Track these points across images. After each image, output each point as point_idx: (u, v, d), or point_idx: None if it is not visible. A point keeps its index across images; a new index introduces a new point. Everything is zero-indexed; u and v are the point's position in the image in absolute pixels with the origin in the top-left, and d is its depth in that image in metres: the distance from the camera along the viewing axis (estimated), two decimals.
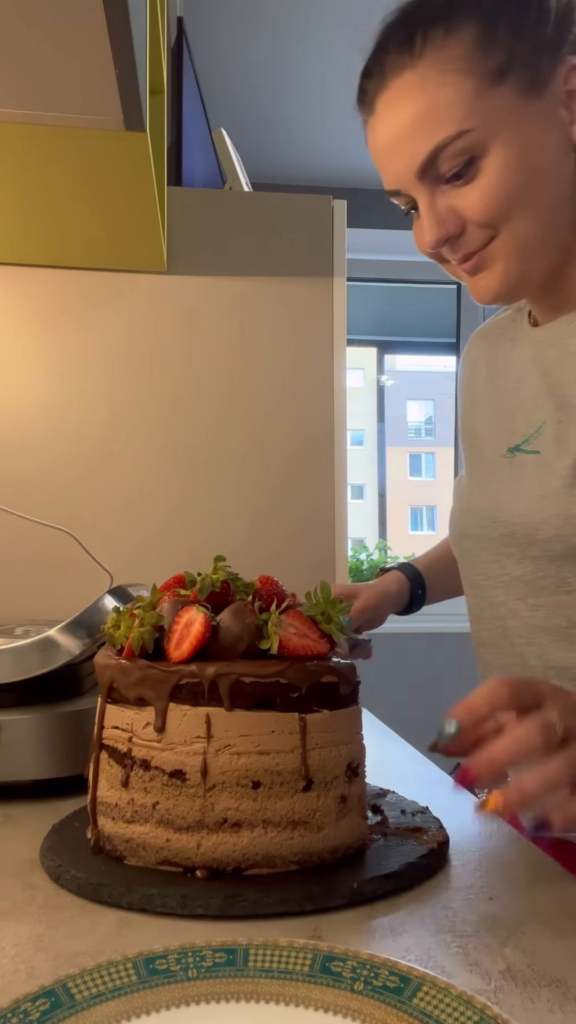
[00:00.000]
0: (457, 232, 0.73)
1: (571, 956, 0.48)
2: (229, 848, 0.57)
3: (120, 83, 0.81)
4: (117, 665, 0.62)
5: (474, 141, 0.69)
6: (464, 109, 0.68)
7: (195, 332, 1.37)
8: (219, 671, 0.58)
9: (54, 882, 0.58)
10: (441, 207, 0.72)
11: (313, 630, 0.62)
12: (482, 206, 0.70)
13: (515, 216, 0.71)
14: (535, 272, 0.75)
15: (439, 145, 0.69)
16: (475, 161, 0.70)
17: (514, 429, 0.83)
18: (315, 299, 1.41)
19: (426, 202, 0.73)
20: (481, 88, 0.68)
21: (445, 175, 0.71)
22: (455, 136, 0.69)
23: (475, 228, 0.72)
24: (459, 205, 0.71)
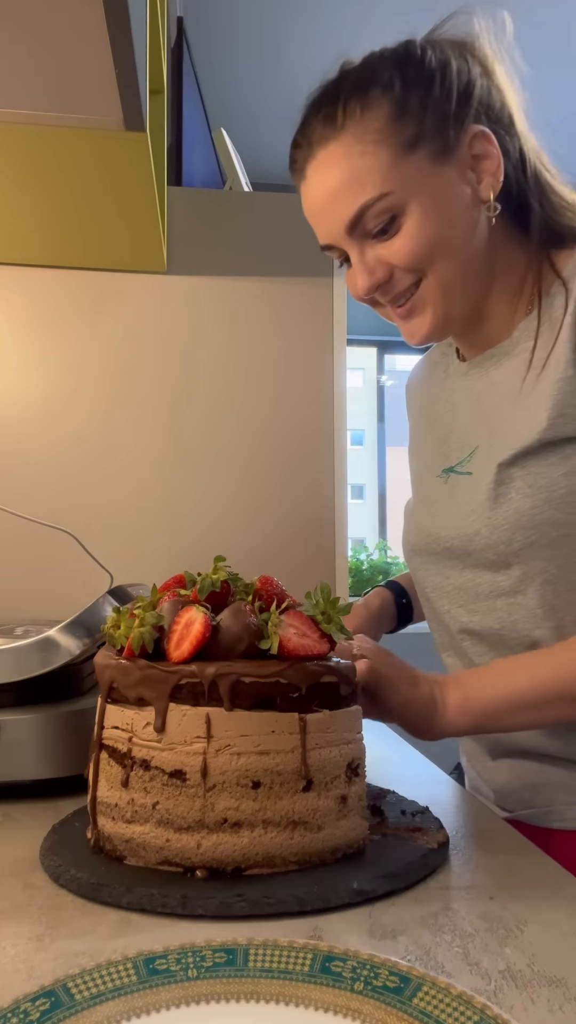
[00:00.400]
0: (386, 278, 0.81)
1: (571, 956, 0.48)
2: (229, 848, 0.57)
3: (120, 83, 0.81)
4: (117, 665, 0.62)
5: (394, 202, 0.77)
6: (383, 175, 0.77)
7: (195, 332, 1.37)
8: (219, 671, 0.58)
9: (54, 882, 0.58)
10: (370, 258, 0.81)
11: (313, 630, 0.62)
12: (406, 252, 0.79)
13: (437, 261, 0.79)
14: (459, 311, 0.83)
15: (364, 206, 0.78)
16: (396, 218, 0.78)
17: (448, 453, 0.92)
18: (315, 299, 1.41)
19: (356, 254, 0.81)
20: (397, 156, 0.77)
21: (371, 231, 0.79)
22: (377, 198, 0.77)
23: (401, 273, 0.81)
24: (385, 254, 0.80)
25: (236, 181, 1.61)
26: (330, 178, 0.79)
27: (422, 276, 0.80)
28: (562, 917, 0.53)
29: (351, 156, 0.78)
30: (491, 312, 0.86)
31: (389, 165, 0.77)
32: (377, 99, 0.77)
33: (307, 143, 0.81)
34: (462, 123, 0.79)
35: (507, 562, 0.81)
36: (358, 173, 0.77)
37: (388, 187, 0.77)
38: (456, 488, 0.87)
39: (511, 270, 0.84)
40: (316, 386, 1.40)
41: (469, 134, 0.79)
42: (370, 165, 0.77)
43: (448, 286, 0.81)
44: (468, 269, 0.81)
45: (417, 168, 0.77)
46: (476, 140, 0.79)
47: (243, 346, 1.39)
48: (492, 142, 0.80)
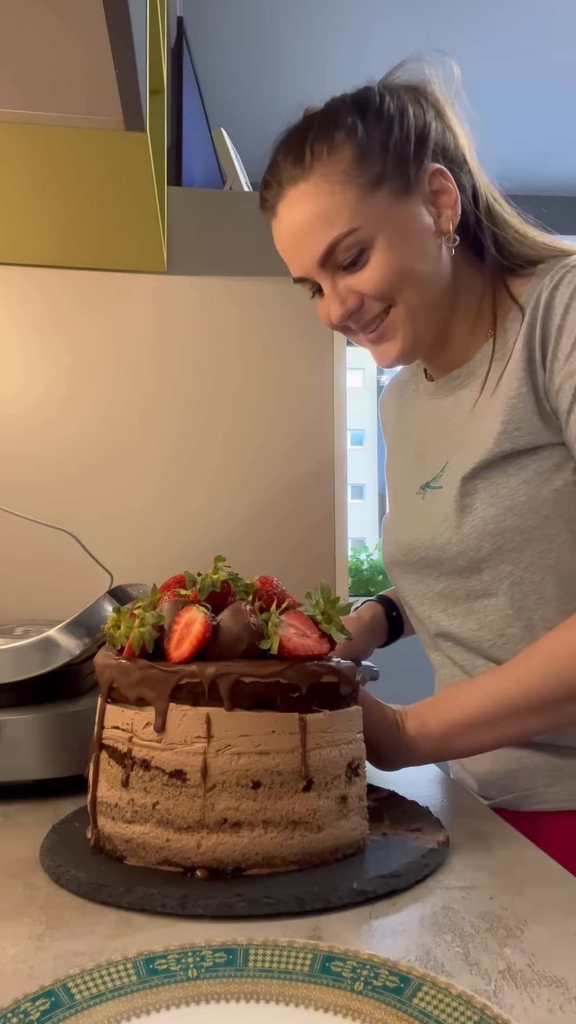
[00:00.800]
0: (356, 306, 0.86)
1: (571, 956, 0.48)
2: (229, 848, 0.57)
3: (120, 83, 0.81)
4: (117, 665, 0.62)
5: (362, 236, 0.82)
6: (351, 212, 0.82)
7: (195, 332, 1.37)
8: (219, 671, 0.58)
9: (54, 882, 0.58)
10: (341, 288, 0.86)
11: (313, 630, 0.63)
12: (375, 283, 0.84)
13: (406, 289, 0.84)
14: (426, 335, 0.89)
15: (334, 241, 0.83)
16: (365, 251, 0.83)
17: (423, 469, 0.97)
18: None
19: (328, 285, 0.86)
20: (362, 194, 0.82)
21: (342, 263, 0.84)
22: (346, 233, 0.82)
23: (371, 301, 0.86)
24: (355, 284, 0.85)
25: (236, 181, 1.61)
26: (300, 215, 0.84)
27: (391, 304, 0.85)
28: (562, 917, 0.53)
29: (320, 195, 0.82)
30: (454, 335, 0.92)
31: (356, 202, 0.82)
32: (341, 142, 0.83)
33: (277, 183, 0.86)
34: (421, 162, 0.84)
35: (478, 567, 0.86)
36: (327, 211, 0.82)
37: (356, 223, 0.82)
38: (429, 502, 0.93)
39: (471, 296, 0.90)
40: (316, 386, 1.40)
41: (428, 172, 0.85)
42: (338, 203, 0.82)
43: (415, 312, 0.86)
44: (433, 296, 0.87)
45: (382, 204, 0.83)
46: (434, 177, 0.85)
47: (243, 346, 1.39)
48: (449, 178, 0.86)
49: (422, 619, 0.96)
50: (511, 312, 0.88)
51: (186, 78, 1.58)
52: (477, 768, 0.92)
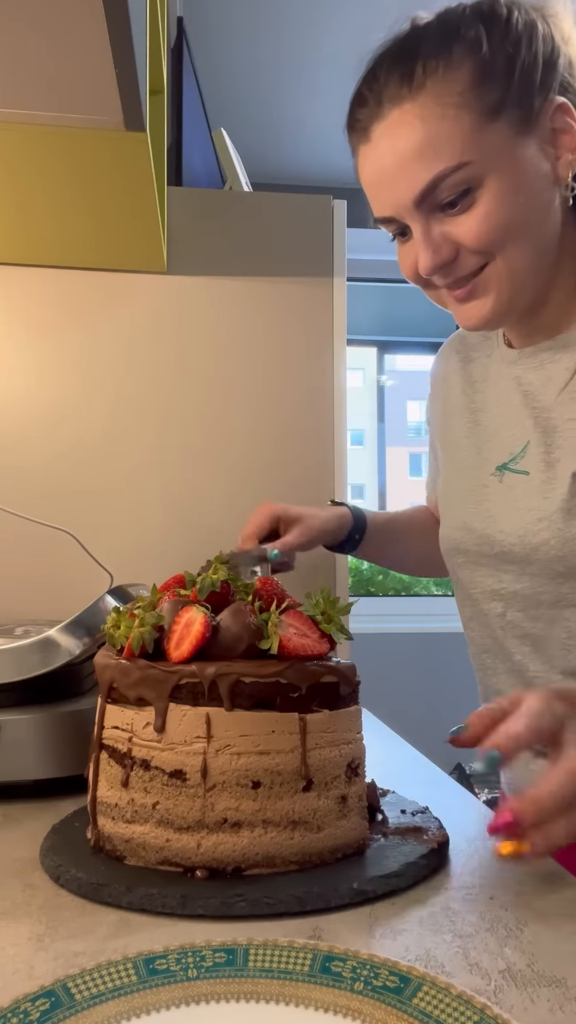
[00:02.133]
0: (451, 258, 0.75)
1: (571, 956, 0.48)
2: (229, 848, 0.57)
3: (120, 83, 0.81)
4: (117, 665, 0.62)
5: (472, 173, 0.72)
6: (464, 142, 0.71)
7: (195, 332, 1.37)
8: (219, 671, 0.58)
9: (54, 882, 0.58)
10: (436, 234, 0.75)
11: (313, 630, 0.63)
12: (478, 233, 0.73)
13: (509, 244, 0.74)
14: (523, 299, 0.78)
15: (439, 175, 0.72)
16: (471, 192, 0.72)
17: (499, 447, 0.86)
18: (315, 299, 1.41)
19: (421, 229, 0.75)
20: (478, 123, 0.71)
21: (442, 203, 0.73)
22: (455, 168, 0.71)
23: (468, 254, 0.75)
24: (454, 232, 0.74)
25: (236, 181, 1.61)
26: (403, 141, 0.72)
27: (490, 260, 0.75)
28: (562, 917, 0.53)
29: (429, 119, 0.71)
30: (551, 301, 0.81)
31: (470, 132, 0.71)
32: (461, 59, 0.72)
33: (376, 101, 0.74)
34: (547, 92, 0.73)
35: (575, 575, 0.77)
36: (436, 138, 0.71)
37: (468, 156, 0.71)
38: (514, 489, 0.83)
39: (573, 257, 0.79)
40: (316, 386, 1.40)
41: (553, 105, 0.74)
42: (449, 130, 0.71)
43: (517, 272, 0.75)
44: (539, 254, 0.76)
45: (499, 138, 0.72)
46: (558, 113, 0.74)
47: (243, 346, 1.38)
48: (573, 115, 0.74)
49: (489, 615, 0.86)
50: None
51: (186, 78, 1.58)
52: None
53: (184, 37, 1.67)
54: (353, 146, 0.79)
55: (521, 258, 0.75)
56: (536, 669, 0.83)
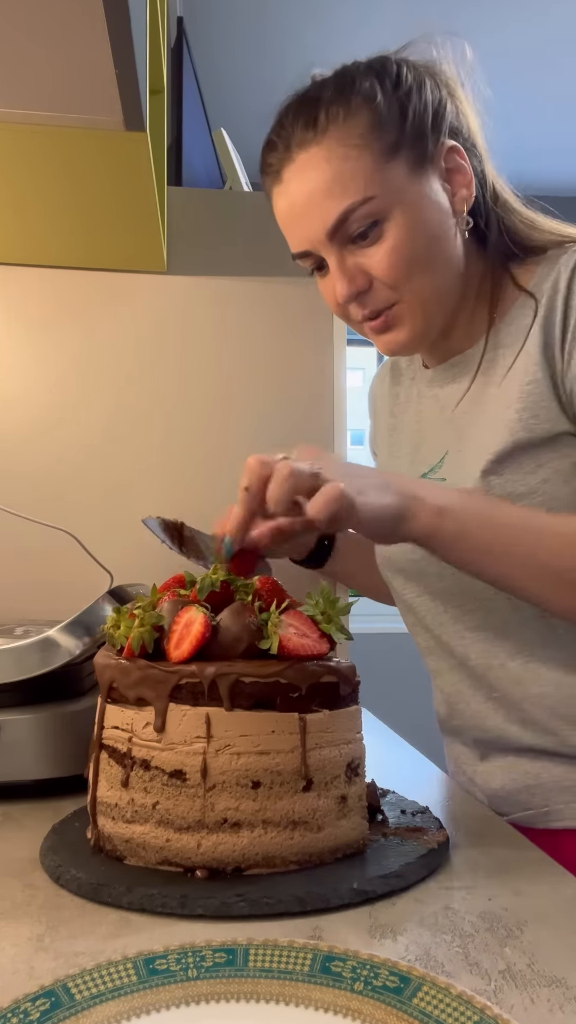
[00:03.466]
0: (365, 287, 0.81)
1: (571, 956, 0.48)
2: (229, 848, 0.57)
3: (120, 83, 0.81)
4: (117, 665, 0.62)
5: (378, 207, 0.77)
6: (367, 178, 0.77)
7: (195, 332, 1.37)
8: (219, 671, 0.58)
9: (54, 882, 0.58)
10: (350, 264, 0.80)
11: (313, 630, 0.62)
12: (388, 265, 0.79)
13: (417, 276, 0.80)
14: (435, 326, 0.85)
15: (348, 209, 0.77)
16: (379, 224, 0.78)
17: (419, 461, 0.92)
18: (315, 299, 1.40)
19: (335, 261, 0.81)
20: (379, 161, 0.78)
21: (353, 235, 0.79)
22: (361, 201, 0.77)
23: (381, 286, 0.80)
24: (367, 263, 0.80)
25: (236, 181, 1.61)
26: (312, 181, 0.79)
27: (400, 297, 0.81)
28: (562, 917, 0.53)
29: (334, 160, 0.78)
30: (458, 325, 0.88)
31: (372, 170, 0.77)
32: (359, 106, 0.78)
33: (284, 146, 0.81)
34: (438, 136, 0.81)
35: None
36: (342, 176, 0.77)
37: (372, 191, 0.77)
38: None
39: (473, 283, 0.86)
40: (316, 386, 1.40)
41: (444, 147, 0.81)
42: (353, 168, 0.77)
43: (425, 303, 0.82)
44: (445, 283, 0.83)
45: (399, 174, 0.78)
46: (450, 154, 0.82)
47: (243, 346, 1.38)
48: (464, 157, 0.82)
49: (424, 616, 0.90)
50: (517, 299, 0.84)
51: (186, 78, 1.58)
52: (489, 784, 0.88)
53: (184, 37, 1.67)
54: (267, 189, 0.85)
55: (428, 289, 0.81)
56: (477, 659, 0.86)
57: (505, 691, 0.85)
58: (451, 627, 0.88)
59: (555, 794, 0.83)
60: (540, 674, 0.83)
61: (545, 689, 0.82)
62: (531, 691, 0.83)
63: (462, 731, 0.91)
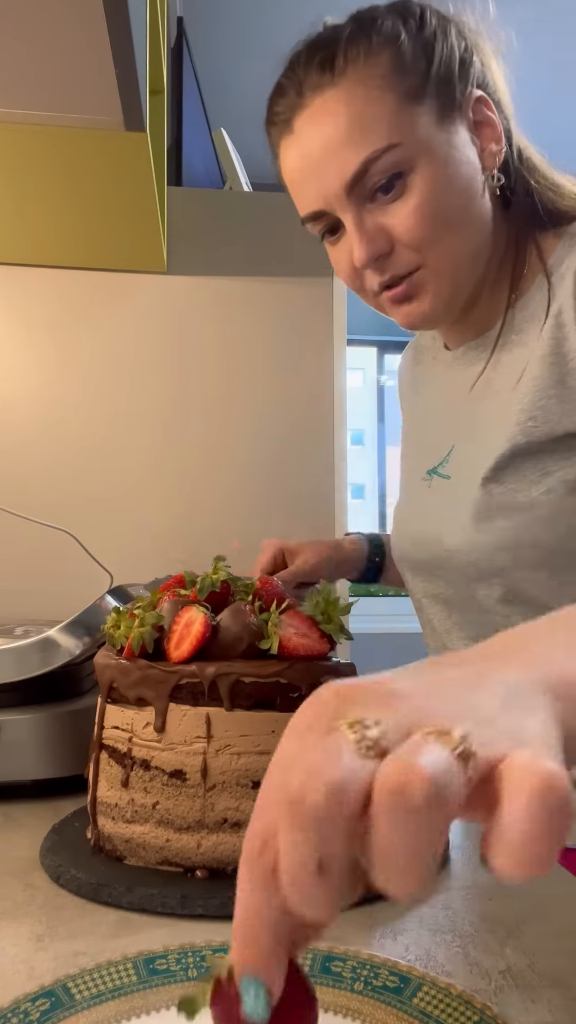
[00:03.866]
0: (386, 250, 0.72)
1: (571, 956, 0.48)
2: (229, 848, 0.57)
3: (120, 83, 0.81)
4: (117, 665, 0.62)
5: (402, 156, 0.70)
6: (390, 122, 0.69)
7: (195, 332, 1.37)
8: (219, 671, 0.58)
9: (54, 882, 0.58)
10: (370, 224, 0.72)
11: (313, 630, 0.62)
12: (413, 223, 0.70)
13: (444, 238, 0.72)
14: (461, 295, 0.76)
15: (369, 157, 0.69)
16: (403, 176, 0.70)
17: (431, 451, 0.86)
18: (315, 299, 1.41)
19: (353, 220, 0.72)
20: (403, 105, 0.70)
21: (373, 189, 0.71)
22: (385, 149, 0.69)
23: (404, 249, 0.72)
24: (388, 223, 0.71)
25: (236, 181, 1.61)
26: (329, 127, 0.70)
27: (424, 261, 0.72)
28: (562, 917, 0.53)
29: (354, 102, 0.70)
30: (481, 299, 0.79)
31: (396, 112, 0.69)
32: (380, 45, 0.71)
33: (296, 91, 0.73)
34: (465, 84, 0.73)
35: (489, 579, 0.77)
36: (362, 120, 0.69)
37: (396, 137, 0.69)
38: (437, 493, 0.83)
39: (499, 250, 0.78)
40: (316, 386, 1.40)
41: (472, 97, 0.74)
42: (376, 112, 0.69)
43: (454, 266, 0.74)
44: (474, 246, 0.75)
45: (426, 121, 0.71)
46: (479, 105, 0.74)
47: (243, 346, 1.38)
48: (493, 109, 0.75)
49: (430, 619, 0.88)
50: (538, 276, 0.76)
51: (186, 78, 1.58)
52: None
53: (184, 37, 1.67)
54: (274, 141, 0.76)
55: (457, 251, 0.73)
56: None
57: None
58: (455, 633, 0.86)
59: None
60: None
61: None
62: None
63: None
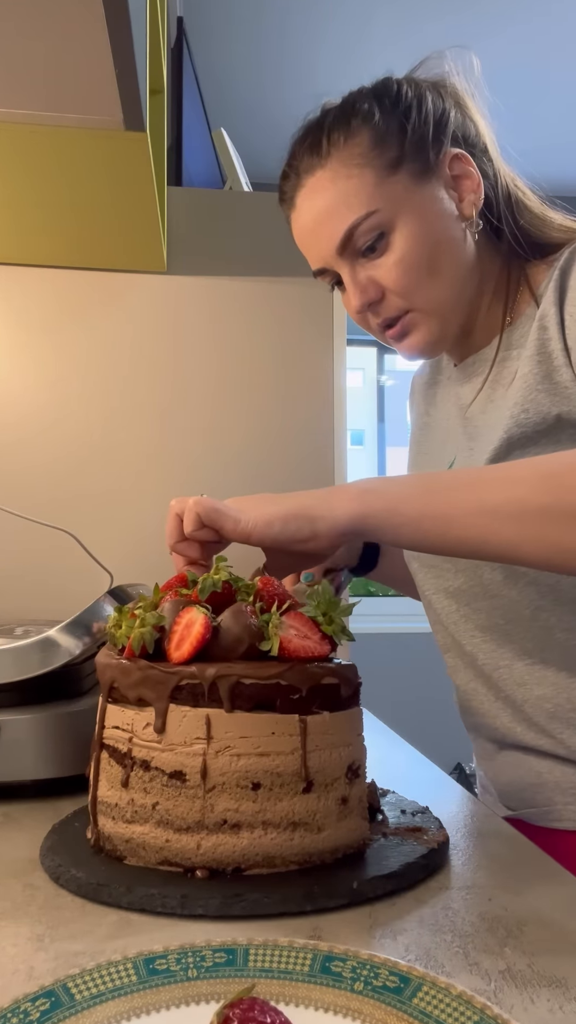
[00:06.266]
0: (377, 297, 0.84)
1: (571, 956, 0.48)
2: (229, 849, 0.57)
3: (120, 83, 0.81)
4: (118, 665, 0.62)
5: (382, 219, 0.81)
6: (369, 194, 0.81)
7: (195, 332, 1.37)
8: (219, 672, 0.58)
9: (54, 882, 0.58)
10: (362, 277, 0.84)
11: (314, 631, 0.62)
12: (397, 275, 0.82)
13: (426, 284, 0.83)
14: (452, 329, 0.87)
15: (353, 224, 0.81)
16: (385, 235, 0.82)
17: (435, 460, 0.95)
18: (315, 299, 1.41)
19: (348, 274, 0.84)
20: (380, 176, 0.81)
21: (361, 249, 0.83)
22: (365, 216, 0.81)
23: (392, 296, 0.84)
24: (377, 275, 0.83)
25: (236, 181, 1.61)
26: (319, 202, 0.83)
27: (411, 306, 0.83)
28: (562, 917, 0.53)
29: (337, 180, 0.82)
30: (478, 324, 0.90)
31: (374, 184, 0.81)
32: (358, 127, 0.82)
33: (295, 174, 0.86)
34: (440, 146, 0.84)
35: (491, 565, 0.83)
36: (345, 194, 0.81)
37: (375, 204, 0.81)
38: None
39: (490, 281, 0.88)
40: (316, 386, 1.40)
41: (448, 156, 0.84)
42: (356, 186, 0.81)
43: (439, 308, 0.84)
44: (456, 288, 0.85)
45: (401, 187, 0.82)
46: (455, 162, 0.84)
47: (243, 346, 1.38)
48: (470, 163, 0.85)
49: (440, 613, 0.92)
50: (528, 307, 0.86)
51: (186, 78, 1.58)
52: (499, 777, 0.91)
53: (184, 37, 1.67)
54: (286, 215, 0.90)
55: (439, 295, 0.84)
56: (485, 659, 0.88)
57: (510, 692, 0.86)
58: (463, 625, 0.90)
59: (557, 794, 0.84)
60: (543, 676, 0.84)
61: (546, 692, 0.84)
62: (533, 693, 0.84)
63: (478, 728, 0.93)
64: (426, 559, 0.92)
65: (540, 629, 0.82)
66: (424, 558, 0.93)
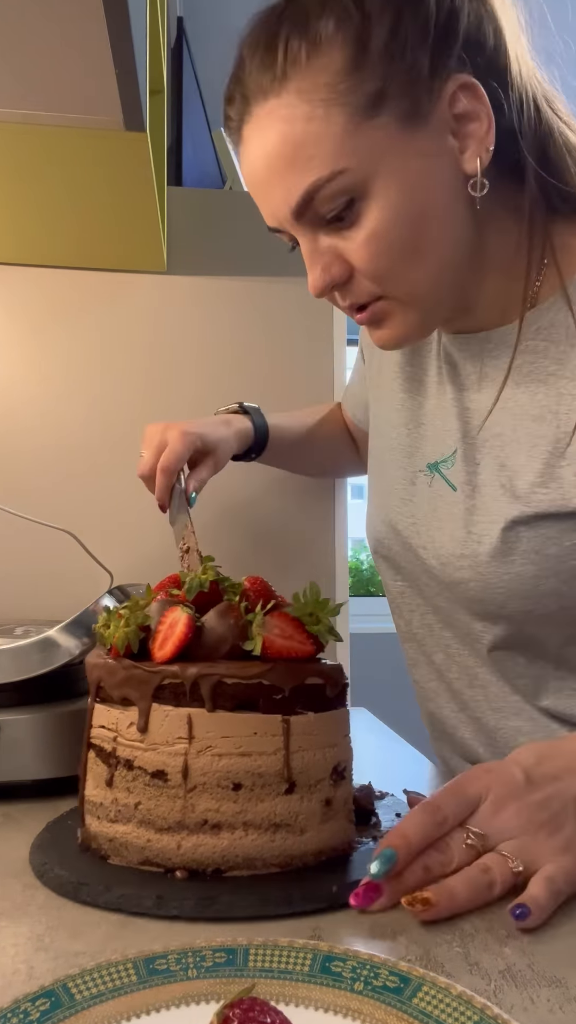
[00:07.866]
0: (343, 279, 0.64)
1: (571, 956, 0.48)
2: (209, 849, 0.57)
3: (120, 83, 0.81)
4: (104, 665, 0.62)
5: (352, 181, 0.60)
6: (336, 146, 0.59)
7: (195, 332, 1.37)
8: (201, 672, 0.58)
9: (38, 879, 0.58)
10: (324, 248, 0.64)
11: (299, 631, 0.61)
12: (366, 255, 0.62)
13: (403, 269, 0.63)
14: (437, 317, 0.69)
15: (313, 186, 0.61)
16: (355, 203, 0.61)
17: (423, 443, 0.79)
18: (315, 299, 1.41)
19: (307, 245, 0.64)
20: (353, 122, 0.59)
21: (324, 216, 0.62)
22: (328, 177, 0.60)
23: (362, 278, 0.64)
24: (344, 248, 0.63)
25: (236, 181, 1.61)
26: (270, 145, 0.61)
27: (385, 291, 0.64)
28: (562, 917, 0.53)
29: (295, 120, 0.59)
30: (480, 304, 0.71)
31: (344, 131, 0.59)
32: (329, 38, 0.58)
33: (241, 96, 0.64)
34: (443, 71, 0.59)
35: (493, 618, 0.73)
36: (303, 143, 0.59)
37: (343, 163, 0.59)
38: (441, 500, 0.76)
39: (505, 246, 0.67)
40: (316, 386, 1.40)
41: (450, 89, 0.60)
42: (318, 132, 0.59)
43: (419, 296, 0.65)
44: (441, 275, 0.65)
45: (380, 136, 0.59)
46: (459, 95, 0.61)
47: (243, 346, 1.38)
48: (481, 96, 0.61)
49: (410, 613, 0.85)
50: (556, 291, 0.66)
51: (186, 78, 1.58)
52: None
53: (184, 37, 1.67)
54: (232, 146, 0.69)
55: (420, 282, 0.64)
56: (440, 660, 0.83)
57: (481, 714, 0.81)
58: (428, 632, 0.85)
59: None
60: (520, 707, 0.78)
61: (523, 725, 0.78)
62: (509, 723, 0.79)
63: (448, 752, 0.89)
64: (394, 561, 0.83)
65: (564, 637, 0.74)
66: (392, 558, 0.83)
